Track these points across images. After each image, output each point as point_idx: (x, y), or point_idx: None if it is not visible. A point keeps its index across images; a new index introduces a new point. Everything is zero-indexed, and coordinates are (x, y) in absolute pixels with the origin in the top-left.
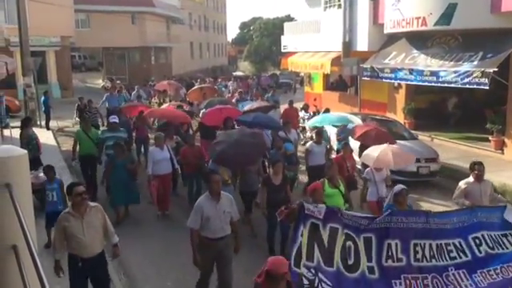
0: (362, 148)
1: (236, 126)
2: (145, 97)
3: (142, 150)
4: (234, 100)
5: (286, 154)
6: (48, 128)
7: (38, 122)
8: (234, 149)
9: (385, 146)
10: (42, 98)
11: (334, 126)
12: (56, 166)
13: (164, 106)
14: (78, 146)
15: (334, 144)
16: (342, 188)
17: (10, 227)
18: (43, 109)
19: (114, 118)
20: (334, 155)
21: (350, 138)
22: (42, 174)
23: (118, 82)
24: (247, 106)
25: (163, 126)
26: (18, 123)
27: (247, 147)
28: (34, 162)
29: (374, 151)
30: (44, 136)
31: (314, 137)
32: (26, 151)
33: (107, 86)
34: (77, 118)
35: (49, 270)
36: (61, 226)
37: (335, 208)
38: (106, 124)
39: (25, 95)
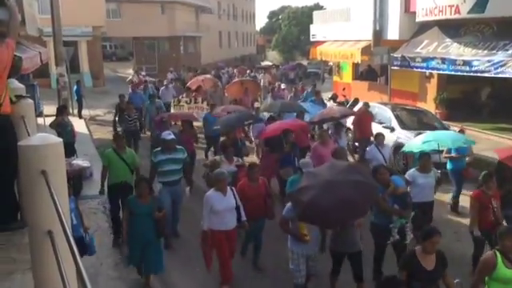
0: (501, 176)
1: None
2: (174, 94)
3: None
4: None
5: (396, 193)
6: (80, 117)
7: (71, 111)
8: (330, 196)
9: None
10: (75, 88)
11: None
12: (88, 154)
13: (218, 109)
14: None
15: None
16: None
17: (46, 213)
18: (75, 98)
19: (170, 135)
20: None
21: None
22: (74, 162)
23: (143, 74)
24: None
25: (216, 137)
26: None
27: (350, 191)
28: (69, 149)
29: None
30: (76, 124)
31: (419, 164)
32: (61, 139)
33: (135, 80)
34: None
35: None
36: None
37: None
38: (146, 130)
39: (58, 84)
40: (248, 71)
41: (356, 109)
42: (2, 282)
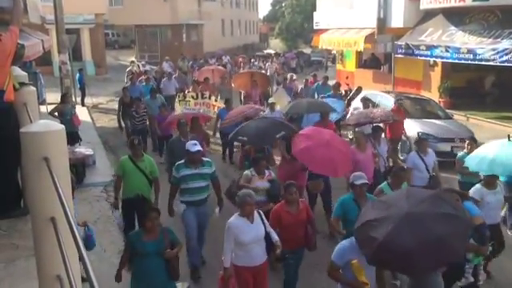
0: None
1: None
2: (177, 86)
3: None
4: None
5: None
6: (83, 104)
7: (74, 99)
8: (414, 234)
9: None
10: (77, 75)
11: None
12: (91, 142)
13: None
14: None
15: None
16: None
17: (49, 200)
18: (78, 86)
19: (196, 145)
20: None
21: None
22: (77, 150)
23: (143, 63)
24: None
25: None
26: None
27: (439, 228)
28: (72, 137)
29: None
30: (79, 113)
31: (483, 182)
32: (63, 126)
33: (135, 70)
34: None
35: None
36: None
37: None
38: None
39: (60, 72)
40: (252, 60)
41: (359, 98)
42: (5, 267)
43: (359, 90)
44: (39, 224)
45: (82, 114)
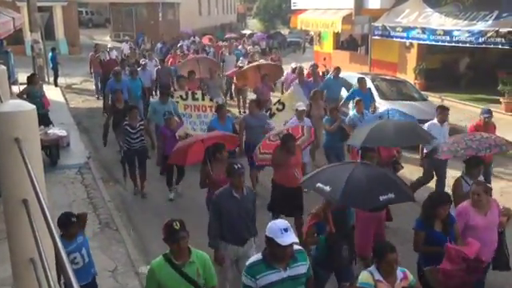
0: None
1: None
2: (153, 77)
3: None
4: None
5: None
6: (56, 85)
7: (46, 79)
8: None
9: None
10: (50, 55)
11: None
12: (64, 123)
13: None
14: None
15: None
16: None
17: (20, 182)
18: (51, 65)
19: (287, 232)
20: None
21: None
22: (51, 131)
23: (126, 47)
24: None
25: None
26: None
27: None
28: (43, 119)
29: None
30: (52, 93)
31: None
32: (34, 106)
33: (104, 58)
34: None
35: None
36: None
37: None
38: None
39: (32, 51)
40: (235, 43)
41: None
42: None
43: (338, 70)
44: (11, 206)
45: (55, 94)
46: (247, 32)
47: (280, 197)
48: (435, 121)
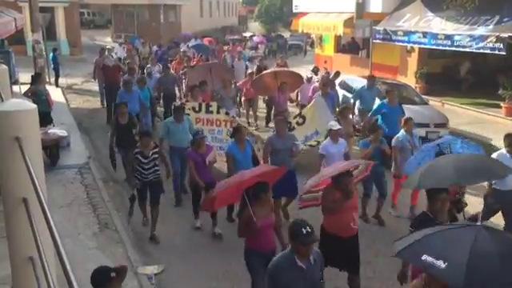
0: None
1: None
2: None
3: None
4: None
5: None
6: (57, 85)
7: (47, 79)
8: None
9: None
10: (51, 55)
11: None
12: (65, 123)
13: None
14: None
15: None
16: None
17: (21, 180)
18: (52, 66)
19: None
20: None
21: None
22: (51, 131)
23: (119, 45)
24: None
25: None
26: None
27: None
28: (45, 118)
29: None
30: (53, 93)
31: None
32: (35, 105)
33: (109, 64)
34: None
35: (58, 223)
36: None
37: None
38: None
39: (34, 52)
40: (239, 48)
41: (338, 81)
42: None
43: (337, 74)
44: (11, 205)
45: (55, 94)
46: (248, 34)
47: (332, 249)
48: (504, 151)
